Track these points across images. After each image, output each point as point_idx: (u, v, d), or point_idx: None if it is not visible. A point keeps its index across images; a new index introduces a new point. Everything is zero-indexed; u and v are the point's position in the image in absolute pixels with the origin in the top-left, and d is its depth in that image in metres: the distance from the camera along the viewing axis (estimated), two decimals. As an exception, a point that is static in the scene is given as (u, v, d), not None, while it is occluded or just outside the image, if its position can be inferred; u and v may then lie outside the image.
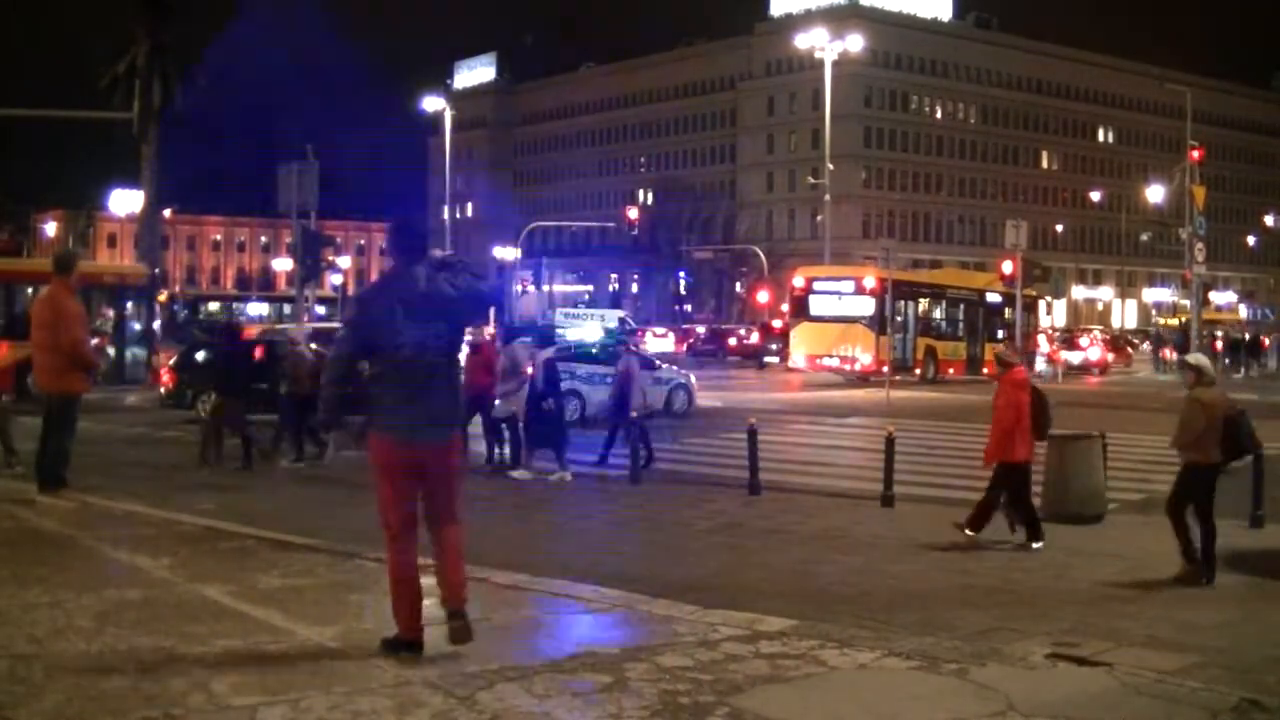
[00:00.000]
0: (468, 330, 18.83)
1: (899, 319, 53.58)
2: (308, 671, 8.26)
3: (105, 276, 44.80)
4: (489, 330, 26.22)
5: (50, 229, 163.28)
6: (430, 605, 10.44)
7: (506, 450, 23.83)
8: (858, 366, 51.49)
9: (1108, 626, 11.49)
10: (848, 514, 18.75)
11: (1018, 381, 17.07)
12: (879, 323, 49.01)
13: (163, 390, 34.47)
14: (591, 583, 11.65)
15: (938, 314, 58.07)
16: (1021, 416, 16.62)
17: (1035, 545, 16.29)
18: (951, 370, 55.97)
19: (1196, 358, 16.57)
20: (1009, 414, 16.64)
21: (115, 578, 11.31)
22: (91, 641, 8.94)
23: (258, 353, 29.40)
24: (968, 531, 16.49)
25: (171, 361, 36.34)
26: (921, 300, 57.15)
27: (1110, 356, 72.24)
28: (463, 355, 12.41)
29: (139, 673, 8.14)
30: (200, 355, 33.18)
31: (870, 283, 51.22)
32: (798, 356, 55.18)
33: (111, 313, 41.80)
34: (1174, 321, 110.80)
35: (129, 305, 42.94)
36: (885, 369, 45.83)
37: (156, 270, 40.53)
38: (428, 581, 8.90)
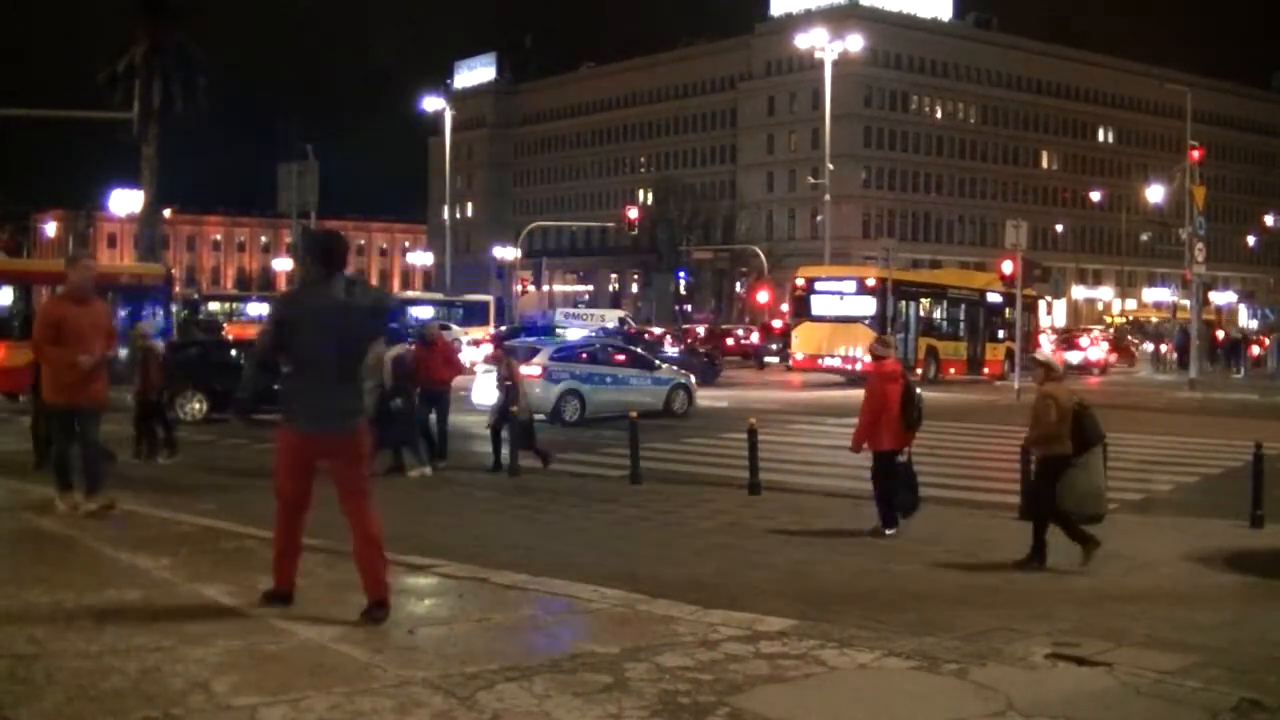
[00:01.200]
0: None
1: (900, 319, 53.65)
2: (308, 671, 8.26)
3: (122, 277, 44.90)
4: (489, 330, 26.25)
5: (50, 229, 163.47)
6: (428, 607, 10.50)
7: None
8: (859, 366, 51.48)
9: (1108, 626, 11.49)
10: (848, 514, 18.74)
11: (886, 374, 17.65)
12: (880, 323, 48.99)
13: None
14: (591, 583, 11.64)
15: (939, 314, 58.06)
16: (888, 407, 17.18)
17: (888, 532, 16.97)
18: (953, 370, 56.00)
19: (1045, 355, 17.17)
20: (875, 404, 17.31)
21: (115, 578, 11.30)
22: (92, 641, 8.93)
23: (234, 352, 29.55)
24: (887, 532, 17.01)
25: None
26: (923, 300, 57.16)
27: (1113, 357, 72.24)
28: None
29: (139, 673, 8.13)
30: (179, 355, 32.94)
31: (872, 283, 51.21)
32: (799, 356, 55.20)
33: (124, 313, 41.87)
34: (1154, 318, 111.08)
35: (145, 305, 42.87)
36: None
37: (174, 270, 40.49)
38: (431, 581, 8.88)
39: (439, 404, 24.25)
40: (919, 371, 54.25)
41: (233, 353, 34.74)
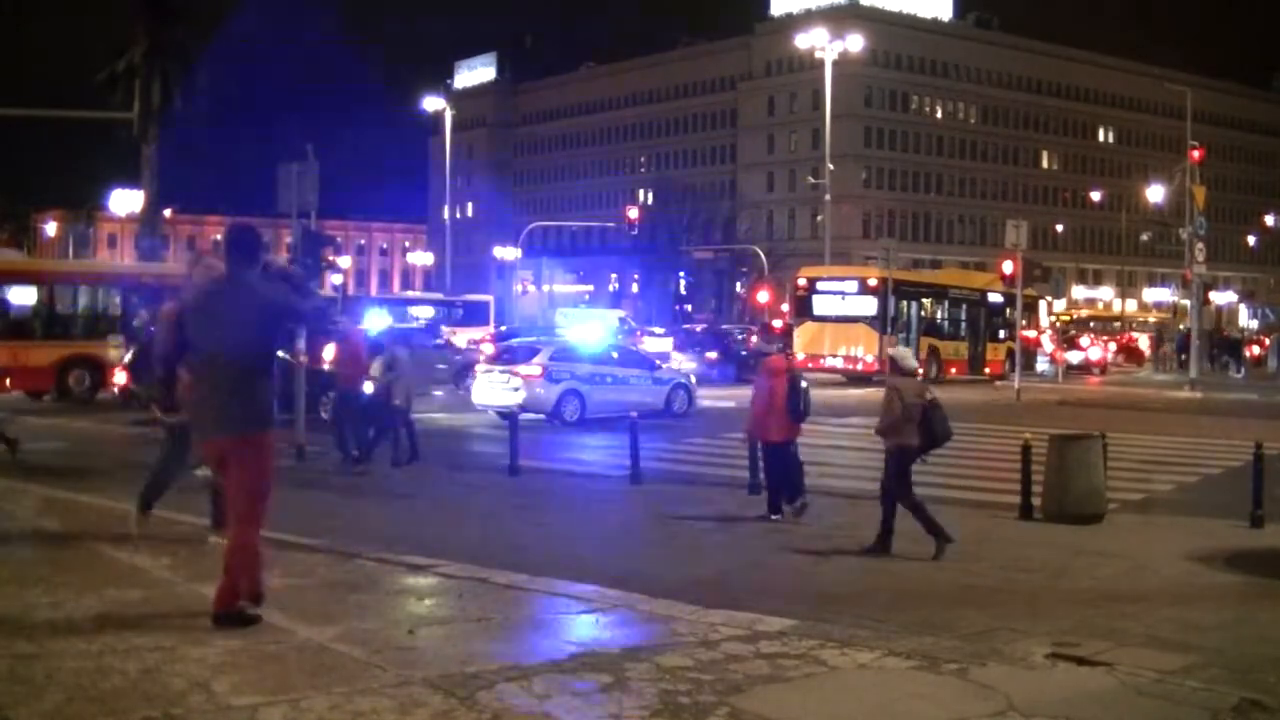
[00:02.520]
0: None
1: (902, 319, 53.72)
2: (308, 671, 8.27)
3: (145, 276, 44.95)
4: (488, 330, 26.26)
5: (50, 229, 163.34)
6: (428, 607, 10.51)
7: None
8: (860, 366, 51.52)
9: (1108, 626, 11.49)
10: (847, 514, 18.73)
11: (772, 369, 18.58)
12: (882, 322, 49.00)
13: (117, 390, 34.20)
14: (592, 582, 11.65)
15: (940, 314, 58.12)
16: (774, 401, 18.02)
17: (774, 517, 17.89)
18: (954, 370, 56.07)
19: (894, 350, 18.43)
20: (762, 398, 18.25)
21: (115, 578, 11.31)
22: (92, 641, 8.93)
23: None
24: (773, 517, 17.92)
25: (127, 359, 36.42)
26: (924, 300, 57.24)
27: (1109, 356, 72.25)
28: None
29: (139, 673, 8.14)
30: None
31: (873, 283, 51.23)
32: (800, 356, 55.20)
33: (146, 313, 41.92)
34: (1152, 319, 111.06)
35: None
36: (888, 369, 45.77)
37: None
38: (431, 581, 8.88)
39: (350, 403, 24.20)
40: (920, 372, 54.23)
41: None
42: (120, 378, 29.97)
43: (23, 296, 40.65)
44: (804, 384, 18.67)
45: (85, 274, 49.25)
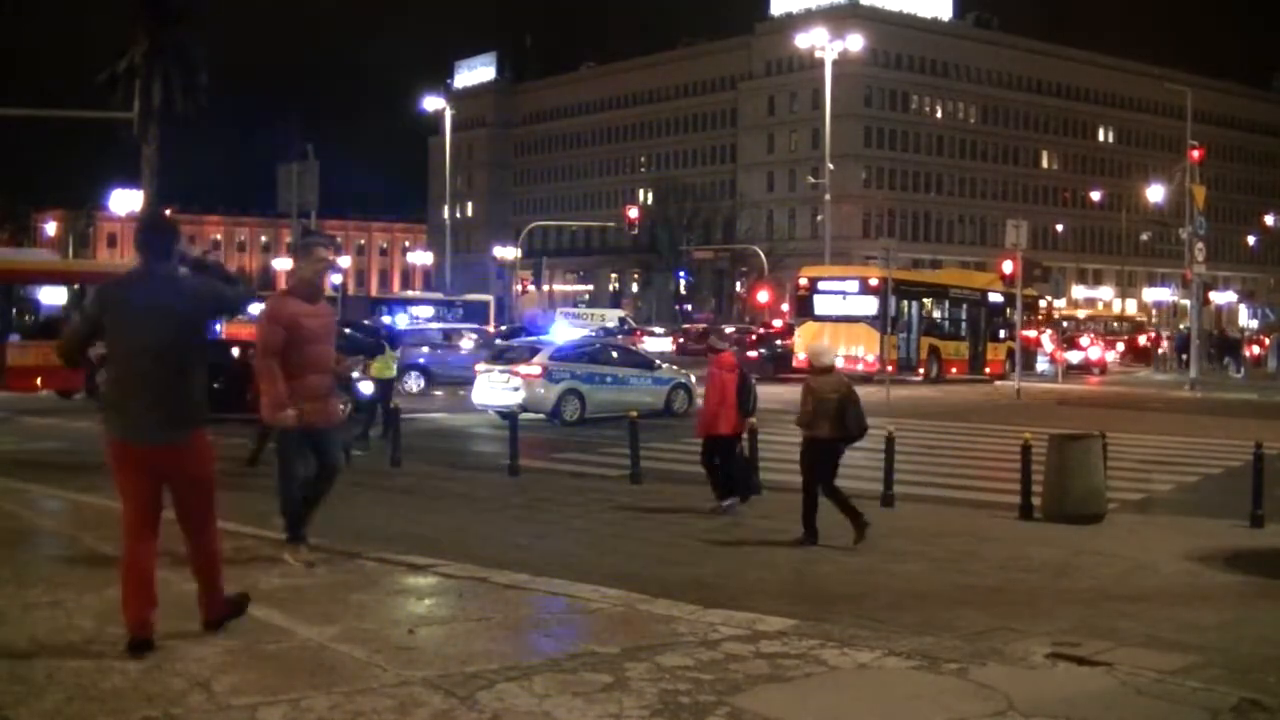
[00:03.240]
0: None
1: (903, 319, 53.80)
2: (308, 671, 8.26)
3: None
4: (488, 330, 26.22)
5: (51, 228, 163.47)
6: (428, 606, 10.50)
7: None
8: (862, 366, 51.57)
9: (1108, 626, 11.49)
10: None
11: (724, 365, 19.23)
12: (883, 322, 49.04)
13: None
14: (591, 582, 11.64)
15: (941, 314, 58.21)
16: (726, 396, 18.71)
17: (725, 504, 18.73)
18: (954, 369, 56.17)
19: (810, 346, 19.94)
20: (715, 394, 18.90)
21: (115, 577, 11.29)
22: (91, 641, 8.93)
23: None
24: (724, 504, 18.76)
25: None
26: (925, 300, 57.35)
27: (1109, 357, 72.24)
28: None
29: (139, 672, 8.13)
30: None
31: (875, 282, 51.26)
32: (802, 356, 55.27)
33: None
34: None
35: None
36: (890, 368, 45.91)
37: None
38: (431, 581, 8.88)
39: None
40: (921, 371, 54.39)
41: (233, 352, 34.77)
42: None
43: (54, 296, 40.95)
44: (753, 380, 19.47)
45: (115, 274, 49.65)
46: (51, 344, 38.35)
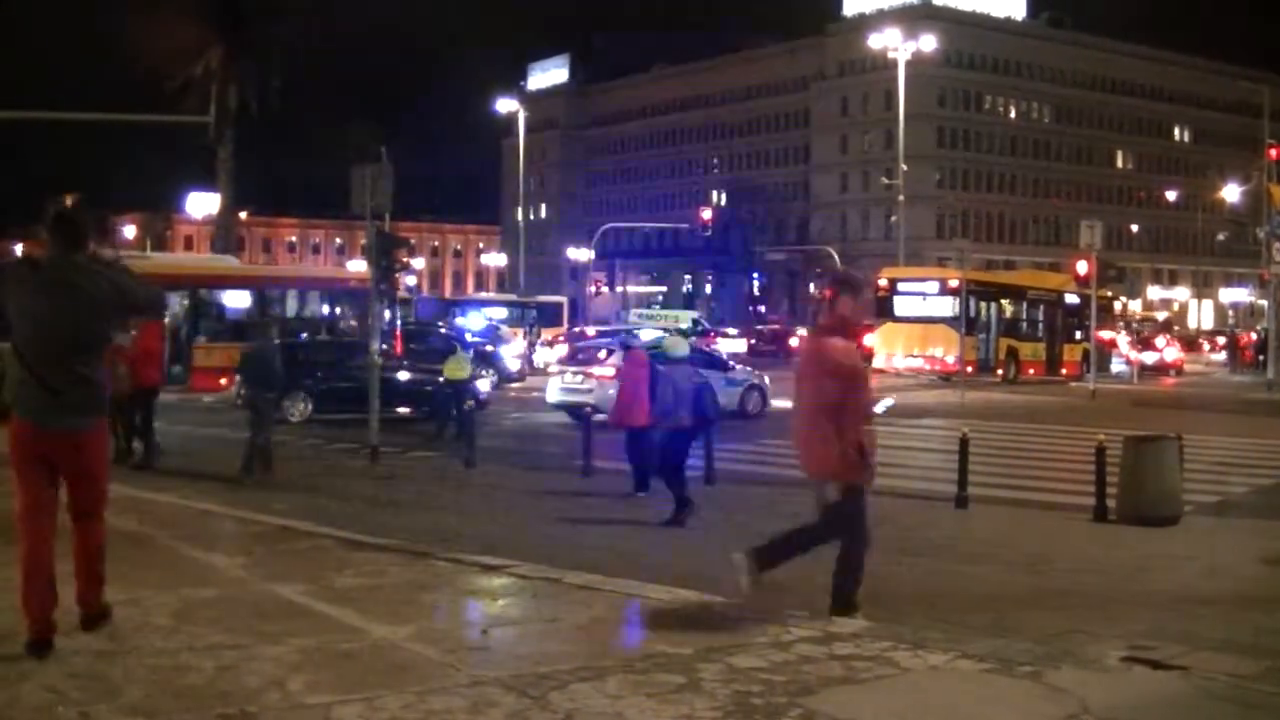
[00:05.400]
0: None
1: (982, 320, 53.74)
2: (381, 670, 8.31)
3: (351, 281, 46.04)
4: (562, 331, 26.36)
5: (129, 231, 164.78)
6: (501, 607, 10.53)
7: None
8: (941, 367, 51.45)
9: (1184, 629, 11.41)
10: (922, 515, 18.69)
11: (635, 361, 20.86)
12: (963, 323, 48.93)
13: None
14: (664, 583, 11.65)
15: (1018, 315, 58.22)
16: (638, 390, 19.87)
17: (640, 494, 20.07)
18: (1032, 371, 56.10)
19: (665, 340, 22.34)
20: (629, 389, 20.34)
21: (191, 576, 11.41)
22: (169, 639, 9.02)
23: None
24: (639, 494, 20.08)
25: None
26: (1003, 301, 57.33)
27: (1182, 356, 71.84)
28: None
29: (215, 670, 8.21)
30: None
31: (954, 284, 51.11)
32: (882, 357, 55.31)
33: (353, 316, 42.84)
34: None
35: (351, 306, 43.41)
36: (970, 369, 45.82)
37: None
38: (504, 581, 8.91)
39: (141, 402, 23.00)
40: (999, 372, 54.30)
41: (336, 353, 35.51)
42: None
43: (236, 300, 41.97)
44: (704, 381, 20.30)
45: (294, 279, 53.18)
46: (235, 346, 39.71)
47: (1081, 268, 50.70)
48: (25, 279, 8.72)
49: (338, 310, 44.09)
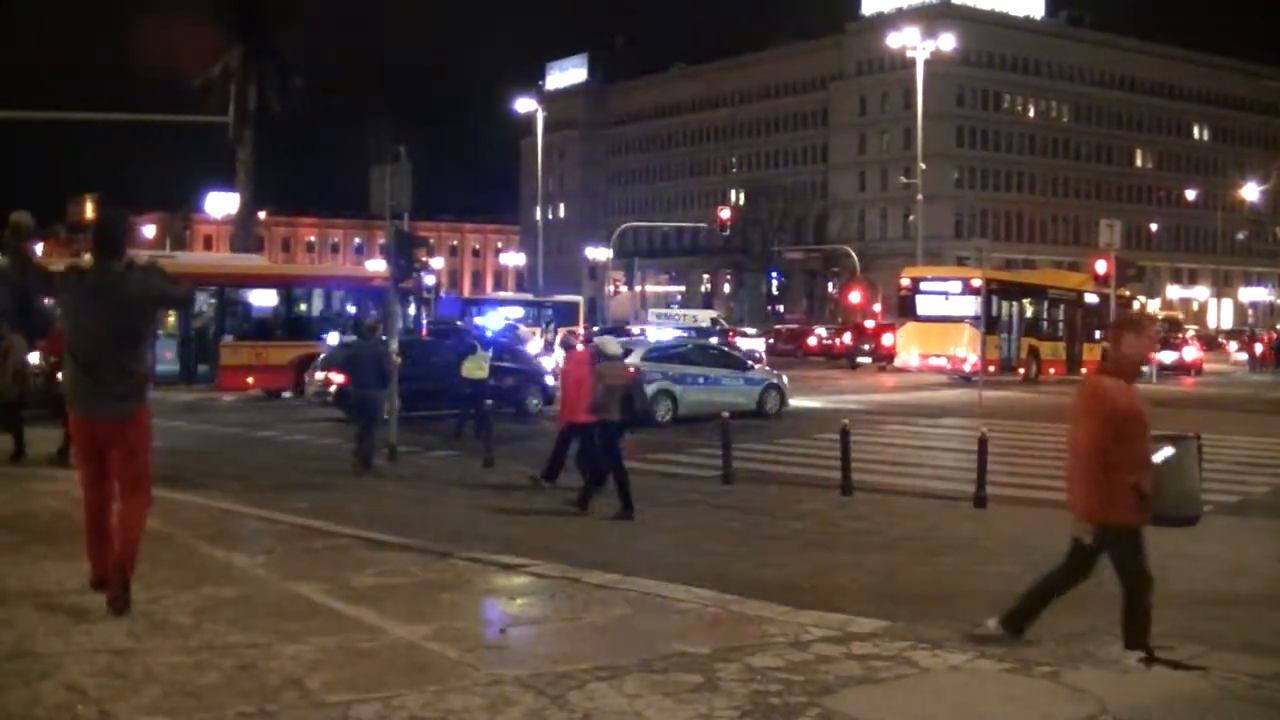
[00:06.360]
0: None
1: (1004, 319, 53.72)
2: (400, 669, 8.32)
3: (375, 280, 46.24)
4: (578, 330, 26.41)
5: (149, 231, 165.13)
6: (519, 606, 10.54)
7: None
8: (965, 366, 51.39)
9: (1203, 630, 11.38)
10: (940, 515, 18.68)
11: (578, 360, 21.09)
12: (986, 322, 48.82)
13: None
14: (683, 583, 11.65)
15: (1040, 314, 58.12)
16: (580, 387, 19.95)
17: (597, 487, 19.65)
18: (1053, 370, 56.07)
19: (598, 339, 22.47)
20: (570, 386, 20.67)
21: (211, 575, 11.43)
22: (189, 637, 9.04)
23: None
24: (544, 483, 20.90)
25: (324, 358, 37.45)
26: (1024, 300, 57.24)
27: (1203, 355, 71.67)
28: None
29: (235, 669, 8.22)
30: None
31: (977, 283, 51.04)
32: (905, 356, 55.31)
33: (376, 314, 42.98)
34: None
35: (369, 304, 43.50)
36: (992, 368, 45.75)
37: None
38: (522, 581, 8.90)
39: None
40: (1021, 371, 54.30)
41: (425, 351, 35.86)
42: (338, 378, 30.50)
43: (263, 299, 42.10)
44: (635, 380, 20.19)
45: (323, 278, 53.07)
46: (261, 344, 40.08)
47: (1101, 267, 50.68)
48: (73, 286, 10.09)
49: (369, 310, 44.12)
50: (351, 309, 42.85)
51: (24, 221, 10.93)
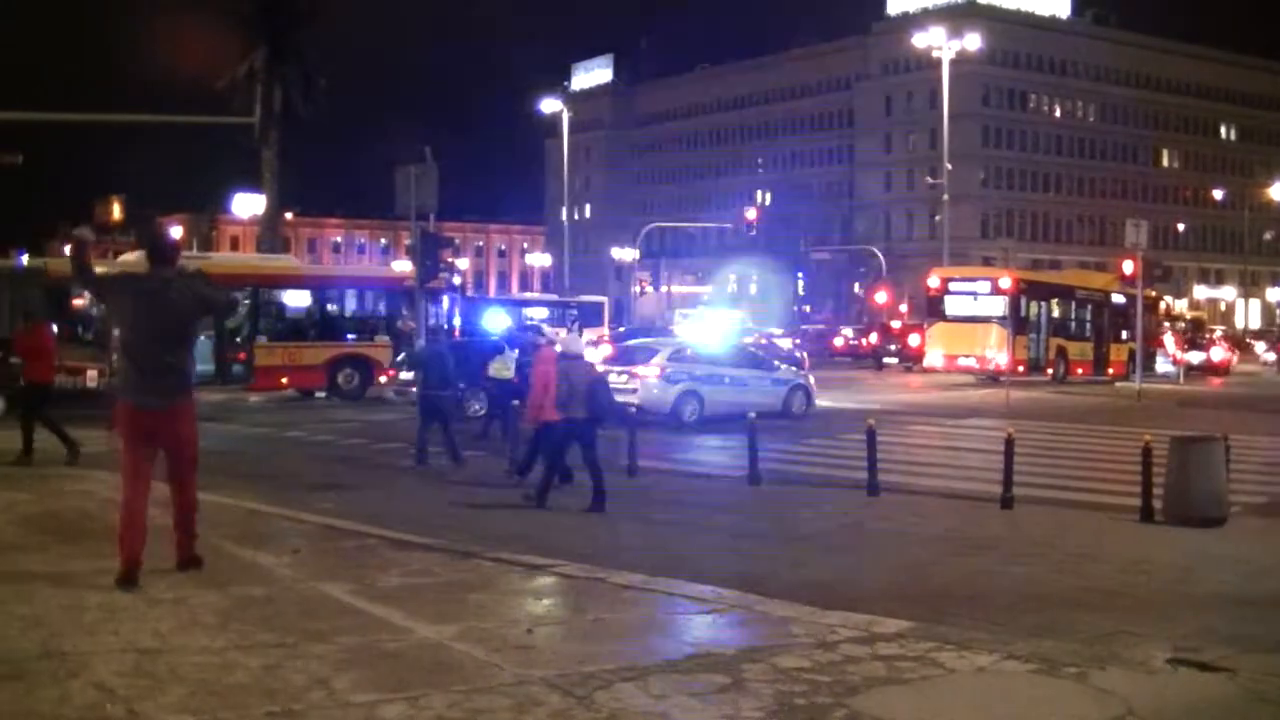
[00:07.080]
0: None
1: (1032, 319, 53.67)
2: (426, 669, 8.34)
3: (407, 280, 46.33)
4: (604, 330, 26.42)
5: (175, 232, 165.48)
6: (546, 606, 10.56)
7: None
8: (993, 366, 51.28)
9: (1231, 632, 11.32)
10: (966, 515, 18.63)
11: (545, 358, 20.97)
12: (1014, 323, 48.71)
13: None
14: (709, 583, 11.65)
15: (1068, 314, 58.00)
16: (548, 386, 19.89)
17: (565, 485, 20.27)
18: (1080, 370, 55.96)
19: (562, 338, 22.49)
20: (539, 385, 20.43)
21: (238, 575, 11.46)
22: (215, 637, 9.07)
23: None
24: (515, 476, 21.26)
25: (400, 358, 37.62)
26: (1052, 300, 57.13)
27: (1235, 356, 71.37)
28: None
29: (261, 668, 8.24)
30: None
31: (1006, 283, 50.92)
32: (934, 356, 55.24)
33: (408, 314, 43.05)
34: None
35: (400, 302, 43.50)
36: (1020, 369, 45.66)
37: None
38: (548, 581, 8.91)
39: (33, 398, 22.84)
40: (1049, 371, 54.22)
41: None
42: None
43: (297, 300, 42.23)
44: (600, 378, 20.57)
45: (354, 278, 53.14)
46: (295, 345, 40.27)
47: (1127, 267, 50.49)
48: (128, 290, 11.38)
49: (401, 310, 44.10)
50: (384, 309, 42.88)
51: (85, 236, 11.84)
